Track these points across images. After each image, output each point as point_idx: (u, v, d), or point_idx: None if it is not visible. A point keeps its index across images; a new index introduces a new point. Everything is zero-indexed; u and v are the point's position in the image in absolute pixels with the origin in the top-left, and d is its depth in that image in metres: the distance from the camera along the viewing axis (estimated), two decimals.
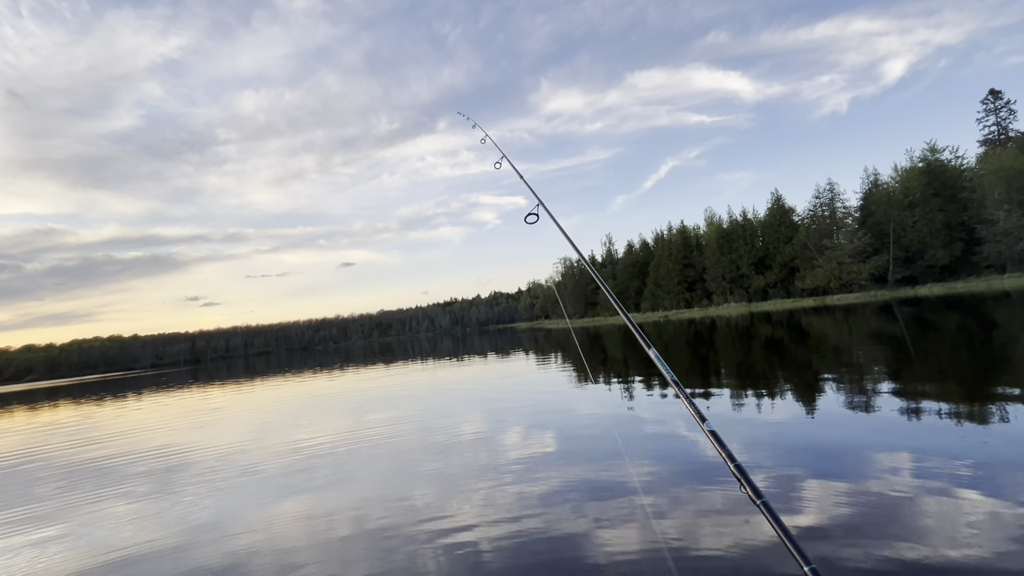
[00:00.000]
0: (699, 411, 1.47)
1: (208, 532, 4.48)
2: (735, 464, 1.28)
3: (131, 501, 5.85)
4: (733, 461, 1.28)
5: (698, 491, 4.12)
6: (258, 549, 3.95)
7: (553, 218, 3.17)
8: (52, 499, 6.41)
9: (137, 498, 5.94)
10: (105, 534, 4.79)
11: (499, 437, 6.96)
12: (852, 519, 3.32)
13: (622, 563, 3.08)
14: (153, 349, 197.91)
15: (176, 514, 5.13)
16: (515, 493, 4.57)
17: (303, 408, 13.10)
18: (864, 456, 4.58)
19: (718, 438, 1.36)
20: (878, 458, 4.48)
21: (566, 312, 14.02)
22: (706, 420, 1.44)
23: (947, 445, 4.58)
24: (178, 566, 3.81)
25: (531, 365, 17.93)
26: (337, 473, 5.99)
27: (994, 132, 51.23)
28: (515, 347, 30.90)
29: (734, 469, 1.27)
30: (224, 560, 3.81)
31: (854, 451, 4.76)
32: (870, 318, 22.12)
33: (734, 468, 1.27)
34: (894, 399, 6.62)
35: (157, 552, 4.15)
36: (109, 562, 4.06)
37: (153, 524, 4.91)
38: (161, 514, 5.20)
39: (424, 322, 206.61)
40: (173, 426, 12.35)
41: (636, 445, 5.78)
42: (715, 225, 63.98)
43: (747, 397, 7.85)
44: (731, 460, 1.29)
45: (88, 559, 4.19)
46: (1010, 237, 40.09)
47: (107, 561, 4.09)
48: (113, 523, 5.11)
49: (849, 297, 45.65)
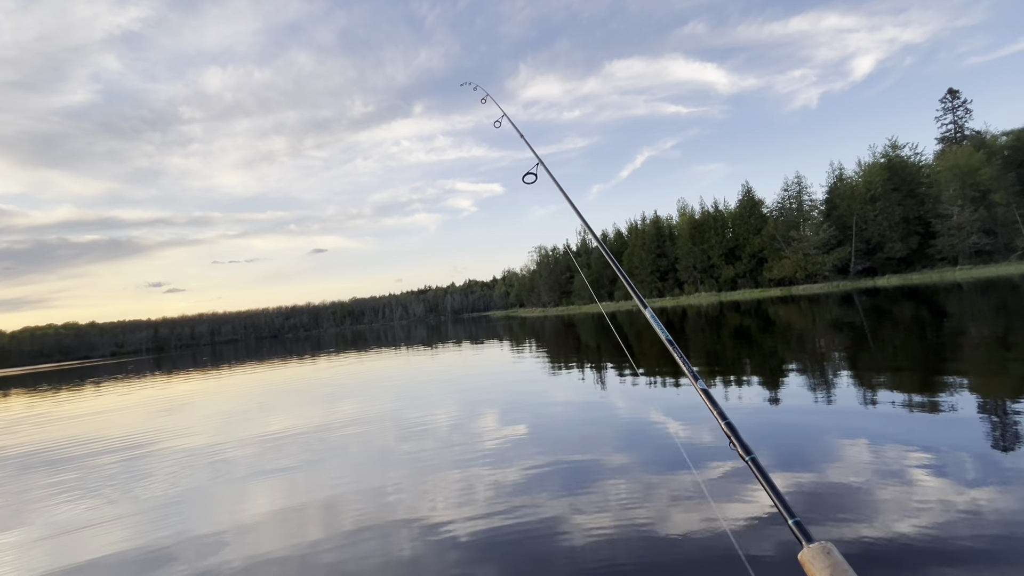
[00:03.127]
0: (692, 372, 1.52)
1: (174, 529, 4.34)
2: (726, 422, 1.34)
3: (90, 500, 5.61)
4: (724, 419, 1.34)
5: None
6: (226, 545, 3.84)
7: (553, 177, 3.06)
8: (2, 498, 6.10)
9: (97, 496, 5.70)
10: (62, 536, 4.58)
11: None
12: (816, 497, 3.45)
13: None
14: (112, 337, 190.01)
15: (139, 511, 4.96)
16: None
17: (270, 398, 12.81)
18: (825, 440, 4.77)
19: (710, 396, 1.43)
20: (838, 442, 4.67)
21: (595, 296, 13.98)
22: (698, 380, 1.51)
23: (900, 429, 4.81)
24: (144, 566, 3.67)
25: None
26: (310, 464, 5.88)
27: (951, 130, 53.46)
28: (499, 336, 30.92)
29: (724, 427, 1.33)
30: (191, 558, 3.70)
31: (815, 435, 4.94)
32: (832, 307, 22.99)
33: (724, 426, 1.33)
34: (852, 384, 6.91)
35: (120, 551, 3.99)
36: (68, 567, 3.90)
37: (115, 522, 4.72)
38: (124, 511, 5.01)
39: (398, 310, 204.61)
40: (134, 418, 11.91)
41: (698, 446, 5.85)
42: (687, 216, 65.14)
43: (719, 383, 8.06)
44: (722, 418, 1.35)
45: (44, 562, 4.01)
46: (962, 232, 42.19)
47: (66, 566, 3.92)
48: (71, 524, 4.89)
49: (814, 287, 47.34)
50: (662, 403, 7.13)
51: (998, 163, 42.51)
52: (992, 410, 5.07)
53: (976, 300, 18.03)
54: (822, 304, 26.33)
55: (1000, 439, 4.25)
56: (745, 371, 9.02)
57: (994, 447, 4.08)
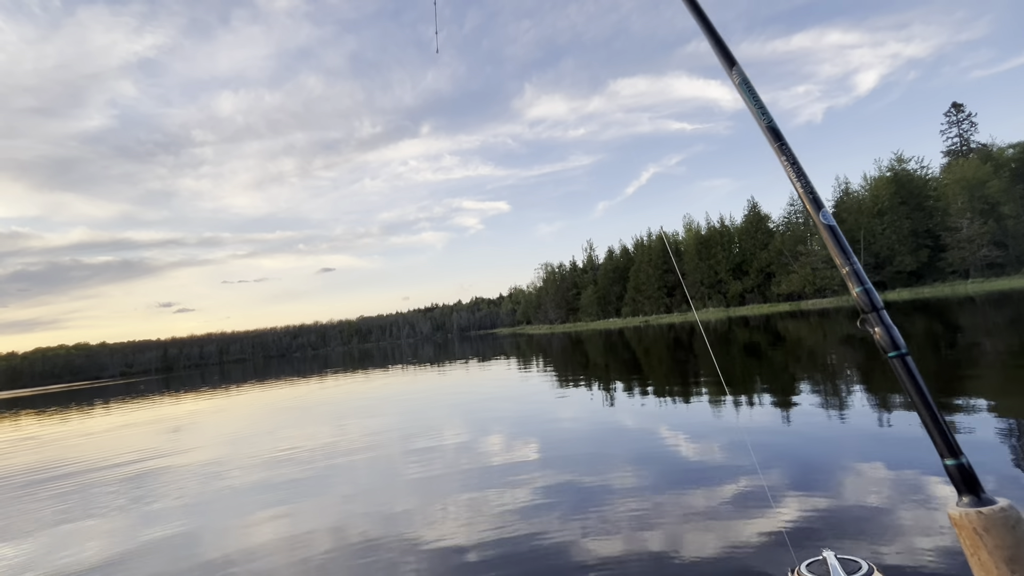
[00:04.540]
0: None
1: (177, 553, 4.29)
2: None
3: (97, 520, 5.58)
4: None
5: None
6: (233, 566, 3.79)
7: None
8: (9, 519, 6.09)
9: (103, 516, 5.67)
10: (68, 557, 4.55)
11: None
12: (834, 518, 3.36)
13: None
14: (122, 357, 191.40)
15: (146, 532, 4.92)
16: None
17: (276, 418, 12.78)
18: (840, 462, 4.66)
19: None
20: (854, 464, 4.56)
21: (690, 297, 13.16)
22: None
23: (918, 448, 4.69)
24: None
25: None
26: (316, 486, 5.82)
27: (957, 143, 53.41)
28: (506, 353, 30.78)
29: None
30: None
31: (831, 455, 4.83)
32: (843, 322, 22.70)
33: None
34: (867, 401, 6.78)
35: (125, 573, 3.95)
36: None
37: (121, 542, 4.68)
38: (130, 532, 4.97)
39: (405, 328, 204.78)
40: (141, 438, 11.91)
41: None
42: (694, 231, 65.13)
43: (727, 400, 7.94)
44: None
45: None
46: (973, 244, 41.77)
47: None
48: (77, 545, 4.87)
49: (823, 302, 46.87)
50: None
51: (1006, 175, 42.28)
52: (1017, 429, 4.94)
53: (990, 313, 17.74)
54: (832, 319, 26.02)
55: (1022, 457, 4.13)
56: (760, 387, 8.89)
57: (1016, 465, 3.96)
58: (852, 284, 1.00)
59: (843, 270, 1.02)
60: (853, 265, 0.99)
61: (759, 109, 1.22)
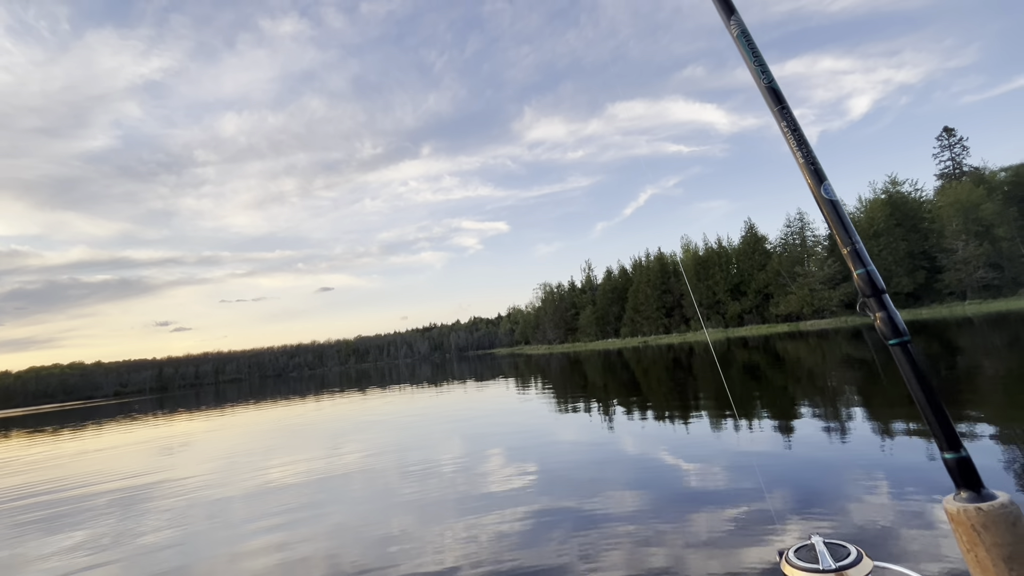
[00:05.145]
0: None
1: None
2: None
3: (87, 547, 5.44)
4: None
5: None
6: None
7: None
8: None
9: (93, 541, 5.53)
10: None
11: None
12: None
13: None
14: (117, 376, 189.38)
15: (136, 557, 4.78)
16: None
17: (268, 440, 12.58)
18: (842, 477, 4.59)
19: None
20: (855, 479, 4.49)
21: (690, 316, 12.95)
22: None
23: (922, 468, 4.63)
24: None
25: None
26: (308, 510, 5.70)
27: (949, 167, 54.17)
28: (504, 373, 30.55)
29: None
30: None
31: (836, 479, 4.76)
32: (842, 343, 22.65)
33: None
34: (870, 423, 6.71)
35: None
36: None
37: (111, 568, 4.55)
38: (120, 557, 4.84)
39: (403, 348, 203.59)
40: (130, 460, 11.69)
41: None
42: (691, 252, 65.44)
43: (733, 422, 7.86)
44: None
45: None
46: (969, 266, 42.01)
47: None
48: (66, 571, 4.73)
49: (821, 323, 46.83)
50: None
51: (999, 198, 42.78)
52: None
53: (989, 335, 17.73)
54: (831, 340, 25.96)
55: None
56: (762, 409, 8.80)
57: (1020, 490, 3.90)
58: (853, 265, 0.97)
59: (844, 249, 0.98)
60: (855, 244, 0.96)
61: (759, 67, 1.09)
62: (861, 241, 0.97)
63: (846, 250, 0.97)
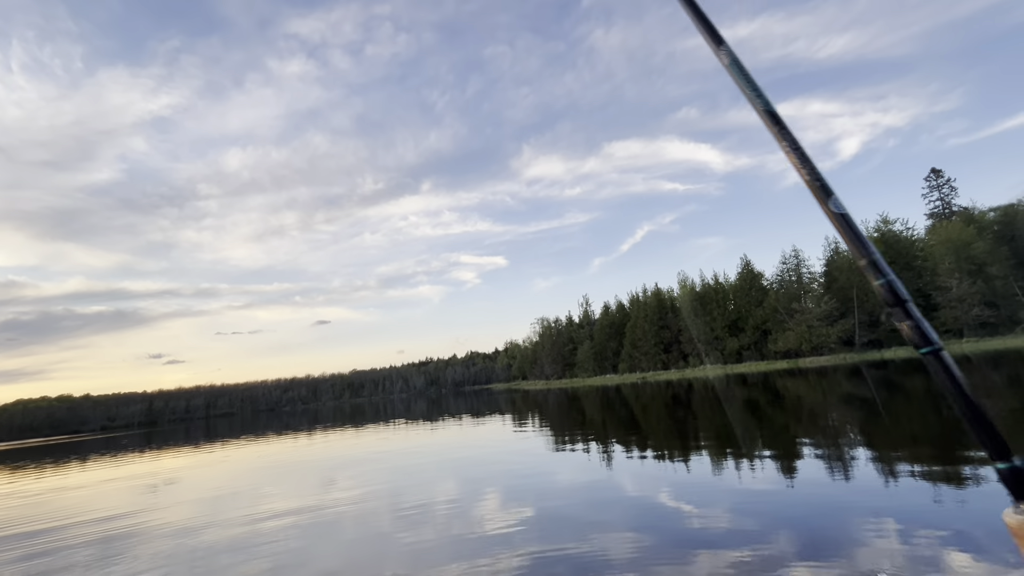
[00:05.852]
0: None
1: None
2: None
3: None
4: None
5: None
6: None
7: None
8: None
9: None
10: None
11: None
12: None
13: None
14: (105, 410, 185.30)
15: None
16: None
17: (255, 478, 12.22)
18: (849, 519, 4.45)
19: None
20: (862, 522, 4.35)
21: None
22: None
23: (924, 508, 4.50)
24: None
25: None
26: (299, 554, 5.48)
27: (939, 206, 55.29)
28: (501, 411, 30.06)
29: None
30: None
31: (839, 514, 4.62)
32: (842, 381, 22.46)
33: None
34: (871, 462, 6.57)
35: None
36: None
37: None
38: None
39: (398, 382, 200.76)
40: (110, 499, 11.30)
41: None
42: (688, 288, 65.73)
43: (728, 461, 7.68)
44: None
45: None
46: (964, 304, 42.22)
47: None
48: None
49: (820, 360, 46.58)
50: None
51: (989, 237, 43.48)
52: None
53: (987, 373, 17.63)
54: (831, 377, 25.76)
55: None
56: (765, 448, 8.63)
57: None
58: (872, 277, 0.91)
59: (860, 262, 0.93)
60: (871, 256, 0.91)
61: (754, 92, 1.07)
62: (878, 251, 0.93)
63: (863, 262, 0.93)
